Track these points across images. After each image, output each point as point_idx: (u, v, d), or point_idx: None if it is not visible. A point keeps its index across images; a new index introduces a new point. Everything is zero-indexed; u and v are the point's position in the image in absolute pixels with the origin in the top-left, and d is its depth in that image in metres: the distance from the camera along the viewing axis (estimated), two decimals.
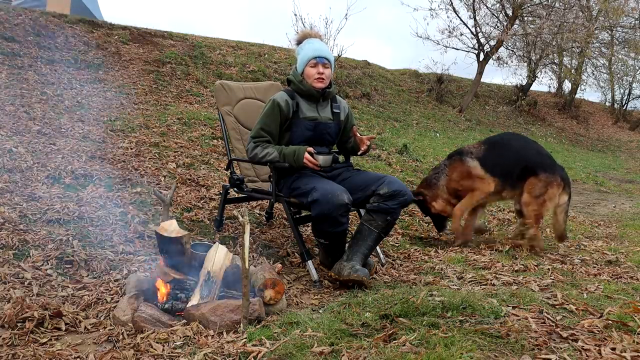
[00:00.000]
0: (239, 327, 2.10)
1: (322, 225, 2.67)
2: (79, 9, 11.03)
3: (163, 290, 2.33)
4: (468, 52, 13.89)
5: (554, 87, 18.52)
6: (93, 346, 2.03)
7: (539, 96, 17.61)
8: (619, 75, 18.14)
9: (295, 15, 13.32)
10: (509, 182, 3.67)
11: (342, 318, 2.08)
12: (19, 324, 2.09)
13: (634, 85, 18.70)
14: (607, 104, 19.70)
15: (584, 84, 17.99)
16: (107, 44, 8.37)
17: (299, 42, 3.00)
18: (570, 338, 1.82)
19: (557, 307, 2.17)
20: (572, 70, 16.87)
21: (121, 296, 2.39)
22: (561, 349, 1.74)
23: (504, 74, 52.88)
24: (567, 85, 18.14)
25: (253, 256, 3.10)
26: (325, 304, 2.51)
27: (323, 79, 2.88)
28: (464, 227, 3.83)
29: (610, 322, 1.94)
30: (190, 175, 4.34)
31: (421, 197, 3.87)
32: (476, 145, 3.83)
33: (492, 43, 13.52)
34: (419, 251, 3.58)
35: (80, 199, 3.38)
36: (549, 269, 3.03)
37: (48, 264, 2.62)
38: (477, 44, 13.50)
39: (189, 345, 1.97)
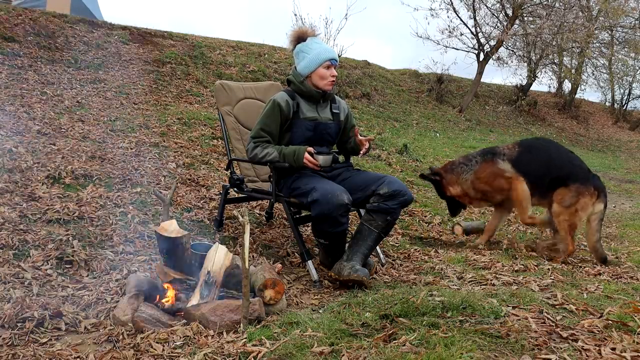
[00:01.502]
0: (239, 327, 2.10)
1: (322, 225, 2.67)
2: (79, 9, 11.02)
3: (170, 293, 2.33)
4: (468, 52, 13.92)
5: (554, 87, 18.56)
6: (93, 346, 2.03)
7: (539, 96, 17.61)
8: (619, 75, 18.15)
9: (295, 15, 13.34)
10: (539, 190, 3.57)
11: (342, 318, 2.08)
12: (19, 324, 2.09)
13: (634, 85, 18.74)
14: (607, 104, 19.72)
15: (584, 84, 18.02)
16: (107, 44, 8.37)
17: (297, 40, 2.96)
18: (570, 338, 1.82)
19: (557, 307, 2.17)
20: (572, 70, 16.88)
21: (121, 296, 2.39)
22: (561, 349, 1.74)
23: (504, 74, 52.99)
24: (567, 85, 18.17)
25: (253, 256, 3.10)
26: (325, 304, 2.51)
27: (334, 81, 2.92)
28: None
29: (610, 322, 1.94)
30: (190, 175, 4.34)
31: (437, 178, 3.77)
32: (510, 147, 3.71)
33: (492, 43, 13.54)
34: (419, 251, 3.57)
35: (80, 199, 3.38)
36: (549, 269, 3.03)
37: (48, 264, 2.61)
38: (477, 44, 13.51)
39: (189, 345, 1.97)
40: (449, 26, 13.76)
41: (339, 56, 10.77)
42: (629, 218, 5.45)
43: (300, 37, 2.95)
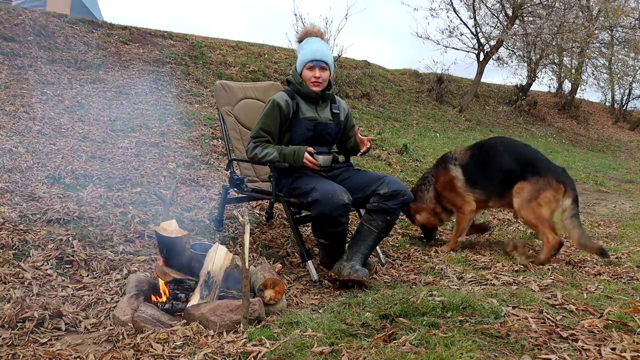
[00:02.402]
0: (239, 327, 2.10)
1: (322, 225, 2.67)
2: (79, 9, 11.03)
3: (164, 294, 2.33)
4: (468, 52, 13.91)
5: (554, 87, 18.55)
6: (93, 346, 2.03)
7: (539, 96, 17.61)
8: (619, 75, 18.14)
9: (296, 15, 13.31)
10: (494, 191, 3.47)
11: (342, 318, 2.08)
12: (19, 324, 2.09)
13: (634, 85, 18.72)
14: (607, 104, 19.71)
15: (584, 84, 18.02)
16: (107, 44, 8.37)
17: (300, 40, 2.98)
18: (570, 338, 1.82)
19: (557, 307, 2.17)
20: (572, 70, 16.88)
21: (121, 296, 2.39)
22: (561, 349, 1.74)
23: (504, 74, 52.82)
24: (567, 85, 18.16)
25: (253, 256, 3.10)
26: (325, 304, 2.51)
27: (319, 82, 2.87)
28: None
29: (610, 322, 1.94)
30: (190, 175, 4.34)
31: (405, 208, 3.70)
32: (462, 151, 3.67)
33: (492, 43, 13.54)
34: (419, 251, 3.58)
35: (80, 199, 3.38)
36: (549, 269, 3.03)
37: (48, 264, 2.62)
38: (477, 44, 13.51)
39: (189, 345, 1.97)
40: (449, 26, 13.79)
41: (339, 56, 10.80)
42: (629, 218, 5.45)
43: (301, 38, 2.97)
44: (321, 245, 2.84)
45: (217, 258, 2.34)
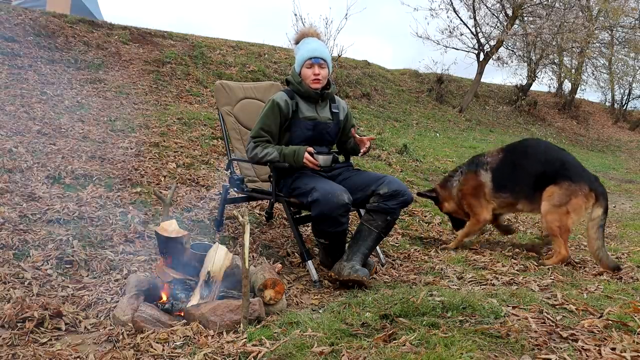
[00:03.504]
0: (239, 327, 2.10)
1: (322, 225, 2.67)
2: (79, 9, 11.03)
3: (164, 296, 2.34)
4: (468, 52, 13.90)
5: (554, 87, 18.53)
6: (93, 346, 2.03)
7: (539, 96, 17.60)
8: (619, 75, 18.13)
9: (295, 15, 13.30)
10: (525, 194, 3.40)
11: (342, 318, 2.08)
12: (19, 324, 2.09)
13: (634, 85, 18.70)
14: (607, 104, 19.71)
15: (584, 84, 18.00)
16: (107, 44, 8.37)
17: (297, 41, 3.00)
18: (570, 338, 1.82)
19: (557, 307, 2.17)
20: (572, 70, 16.88)
21: (121, 296, 2.39)
22: (561, 349, 1.74)
23: (504, 74, 52.81)
24: (567, 85, 18.15)
25: (253, 256, 3.10)
26: (325, 304, 2.51)
27: (319, 80, 2.87)
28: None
29: (610, 322, 1.94)
30: (190, 175, 4.34)
31: (434, 195, 3.84)
32: (495, 153, 3.60)
33: (492, 43, 13.54)
34: (419, 251, 3.57)
35: (80, 199, 3.39)
36: (549, 269, 3.03)
37: (48, 264, 2.62)
38: (477, 44, 13.51)
39: (189, 345, 1.97)
40: (449, 26, 13.78)
41: (339, 56, 10.80)
42: (629, 218, 5.45)
43: (298, 39, 2.99)
44: (321, 245, 2.84)
45: (217, 258, 2.34)
